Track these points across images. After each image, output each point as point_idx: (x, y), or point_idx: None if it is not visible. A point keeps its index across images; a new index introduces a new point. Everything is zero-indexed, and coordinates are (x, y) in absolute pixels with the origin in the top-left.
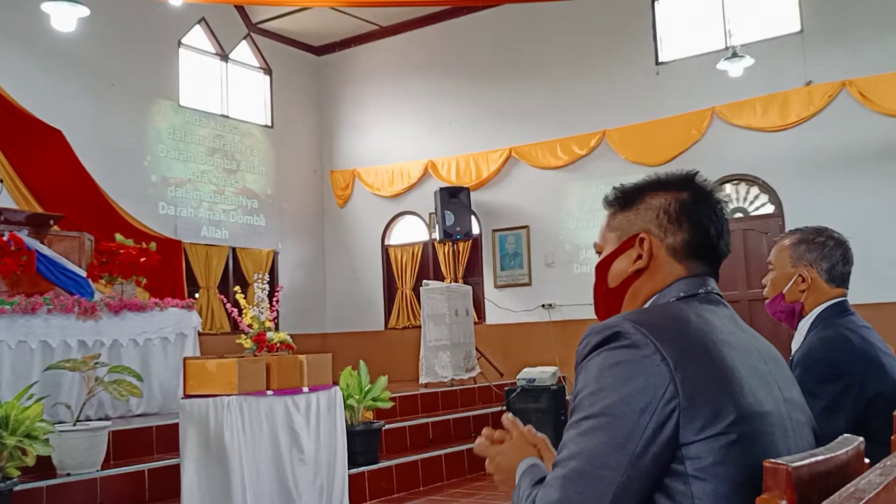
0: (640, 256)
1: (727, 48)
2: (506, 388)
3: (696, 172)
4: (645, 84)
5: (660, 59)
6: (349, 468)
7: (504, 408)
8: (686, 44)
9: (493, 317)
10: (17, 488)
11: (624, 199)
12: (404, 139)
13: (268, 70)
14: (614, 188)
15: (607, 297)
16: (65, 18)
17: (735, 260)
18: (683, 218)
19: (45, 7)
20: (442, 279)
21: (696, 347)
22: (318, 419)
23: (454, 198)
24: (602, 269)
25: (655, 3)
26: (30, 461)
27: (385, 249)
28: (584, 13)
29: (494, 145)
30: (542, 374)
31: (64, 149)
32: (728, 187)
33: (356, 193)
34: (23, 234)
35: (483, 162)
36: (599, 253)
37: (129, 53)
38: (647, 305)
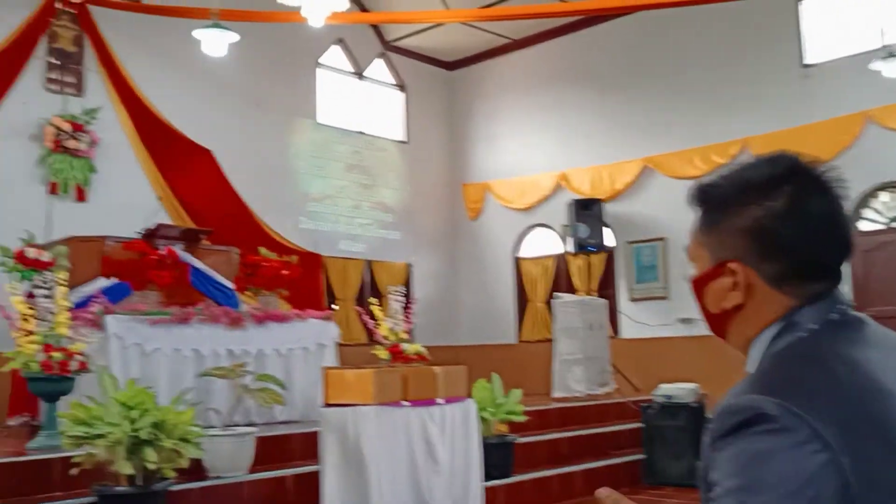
0: (734, 286)
1: (882, 47)
2: (642, 405)
3: (792, 160)
4: (790, 88)
5: (806, 61)
6: (483, 481)
7: (643, 425)
8: (835, 44)
9: (628, 331)
10: (173, 488)
11: (709, 211)
12: (536, 151)
13: (402, 86)
14: (699, 187)
15: (711, 319)
16: (216, 44)
17: (891, 274)
18: (780, 239)
19: (196, 34)
20: (574, 292)
21: (856, 412)
22: (453, 431)
23: (587, 210)
24: (697, 288)
25: (800, 2)
26: (184, 463)
27: (517, 262)
28: (721, 17)
29: (628, 156)
30: (681, 390)
31: (213, 167)
32: (885, 195)
33: (488, 206)
34: (178, 249)
35: (617, 173)
36: (689, 258)
37: (272, 75)
38: (771, 344)
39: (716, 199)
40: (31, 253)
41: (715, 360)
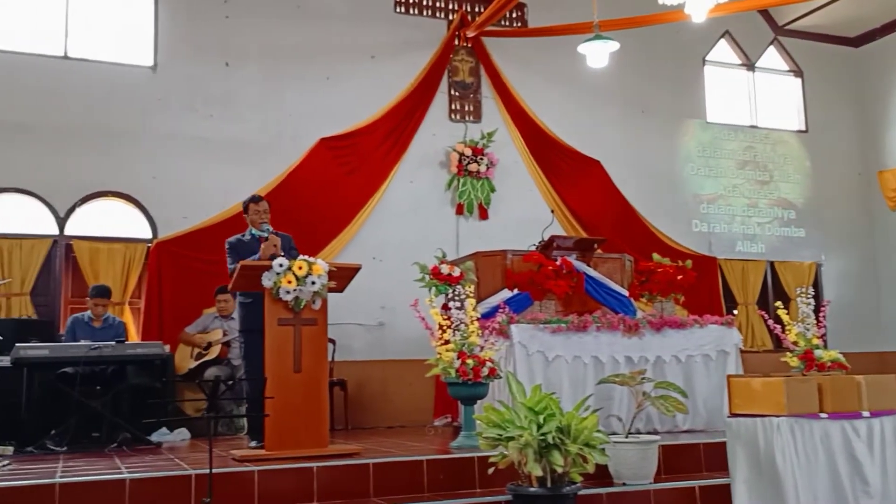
0: None
1: None
2: None
3: None
4: None
5: None
6: None
7: None
8: None
9: None
10: (581, 492)
11: None
12: None
13: (798, 72)
14: None
15: None
16: (598, 56)
17: None
18: None
19: (580, 49)
20: None
21: None
22: (884, 448)
23: None
24: None
25: None
26: (590, 468)
27: None
28: None
29: None
30: None
31: (602, 177)
32: None
33: None
34: (572, 258)
35: None
36: None
37: (655, 78)
38: None
39: None
40: (444, 269)
41: None
